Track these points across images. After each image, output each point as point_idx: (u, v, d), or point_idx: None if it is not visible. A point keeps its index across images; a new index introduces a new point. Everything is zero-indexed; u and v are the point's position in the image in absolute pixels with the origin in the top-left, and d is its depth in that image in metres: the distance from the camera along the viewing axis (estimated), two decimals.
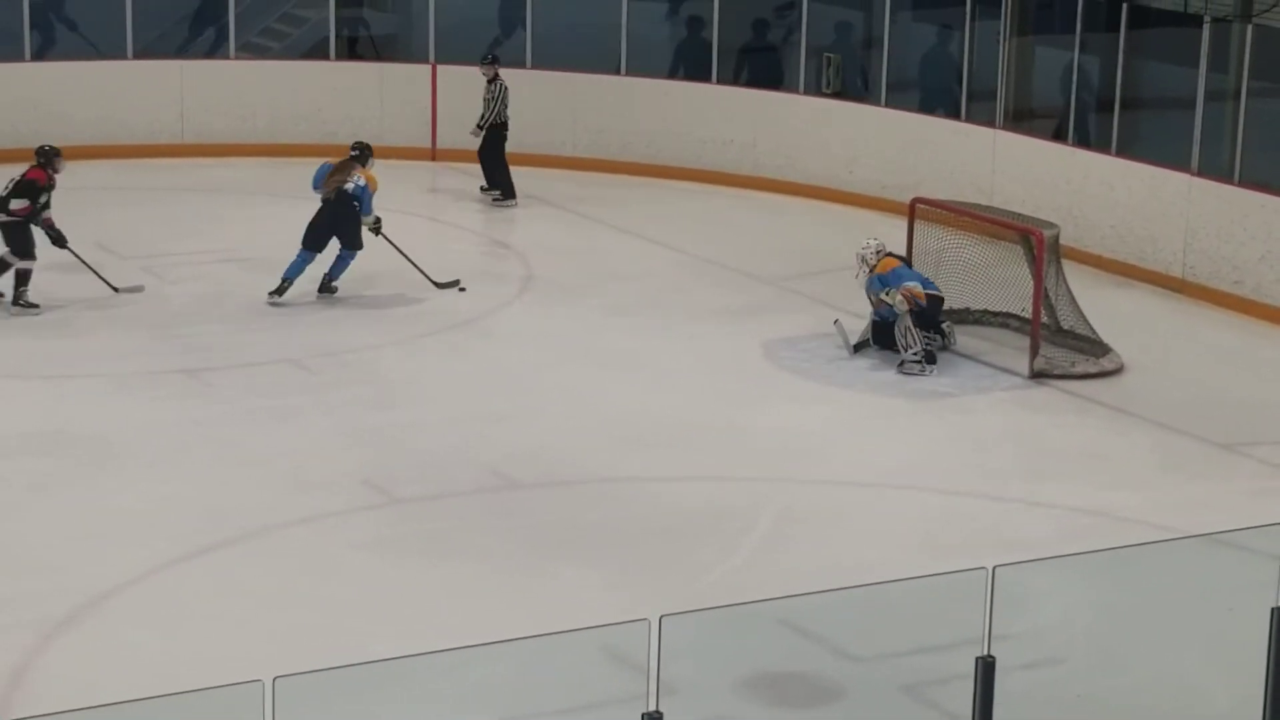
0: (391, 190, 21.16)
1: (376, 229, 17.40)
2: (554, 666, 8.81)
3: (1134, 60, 19.14)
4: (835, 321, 16.55)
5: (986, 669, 8.11)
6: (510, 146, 22.26)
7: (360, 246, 17.29)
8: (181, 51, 22.81)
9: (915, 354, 15.79)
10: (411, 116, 22.49)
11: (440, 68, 22.45)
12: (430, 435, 14.25)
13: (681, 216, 20.51)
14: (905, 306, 15.89)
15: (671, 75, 22.09)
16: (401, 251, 17.50)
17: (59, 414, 14.57)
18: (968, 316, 16.82)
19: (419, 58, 22.64)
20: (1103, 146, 19.26)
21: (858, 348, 16.25)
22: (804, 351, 16.33)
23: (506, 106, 20.61)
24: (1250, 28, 17.98)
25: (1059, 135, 19.68)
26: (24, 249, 16.59)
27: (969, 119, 20.41)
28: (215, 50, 22.62)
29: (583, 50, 22.54)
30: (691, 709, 9.27)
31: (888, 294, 16.00)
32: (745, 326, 16.93)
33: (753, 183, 21.62)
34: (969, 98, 20.57)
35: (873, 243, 16.37)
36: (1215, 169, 18.20)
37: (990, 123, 20.17)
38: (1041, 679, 9.94)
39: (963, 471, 13.96)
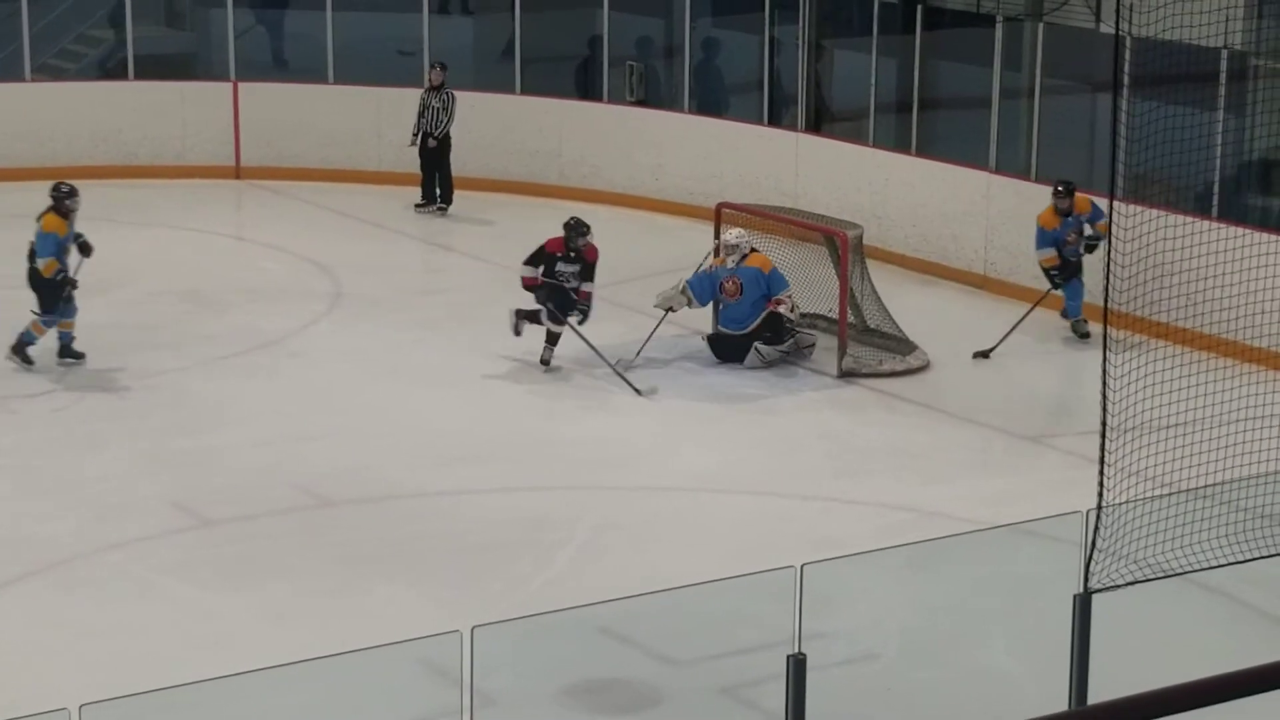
0: (196, 210, 21.00)
1: None
2: (371, 683, 8.76)
3: (930, 61, 19.42)
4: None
5: (798, 666, 8.18)
6: (317, 162, 22.16)
7: None
8: None
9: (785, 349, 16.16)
10: (214, 135, 22.26)
11: (241, 85, 22.25)
12: (240, 456, 14.10)
13: (488, 228, 20.48)
14: (794, 315, 16.19)
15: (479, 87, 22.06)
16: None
17: None
18: None
19: (219, 75, 22.41)
20: (903, 147, 19.52)
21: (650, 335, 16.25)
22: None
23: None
24: (1041, 26, 18.31)
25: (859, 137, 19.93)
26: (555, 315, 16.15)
27: (771, 123, 20.60)
28: (10, 72, 22.23)
29: (384, 64, 22.46)
30: (510, 719, 9.28)
31: (776, 300, 16.10)
32: None
33: (559, 192, 21.64)
34: (771, 102, 20.76)
35: (741, 231, 16.43)
36: (1012, 166, 18.50)
37: (792, 127, 20.37)
38: (856, 675, 10.06)
39: (775, 473, 14.07)
